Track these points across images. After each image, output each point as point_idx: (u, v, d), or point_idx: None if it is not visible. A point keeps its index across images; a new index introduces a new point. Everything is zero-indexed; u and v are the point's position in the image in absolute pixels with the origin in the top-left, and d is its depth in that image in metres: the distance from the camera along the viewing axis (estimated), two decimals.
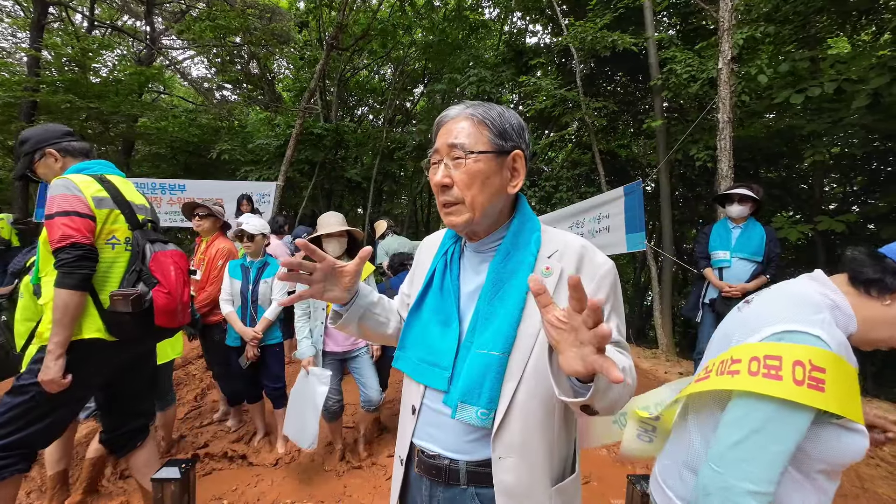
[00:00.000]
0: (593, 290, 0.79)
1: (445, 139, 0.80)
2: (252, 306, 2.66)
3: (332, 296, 0.86)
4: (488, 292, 0.81)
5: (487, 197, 0.80)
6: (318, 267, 0.82)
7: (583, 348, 0.56)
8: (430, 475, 0.83)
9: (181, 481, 1.29)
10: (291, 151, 7.49)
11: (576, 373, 0.58)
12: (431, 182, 0.82)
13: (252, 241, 2.68)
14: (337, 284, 0.85)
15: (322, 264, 0.82)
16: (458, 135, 0.79)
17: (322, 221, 2.43)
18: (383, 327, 0.98)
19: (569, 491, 0.81)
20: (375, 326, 0.96)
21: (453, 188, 0.80)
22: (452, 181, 0.80)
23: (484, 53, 9.77)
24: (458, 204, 0.80)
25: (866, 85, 3.76)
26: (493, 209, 0.83)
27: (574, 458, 0.86)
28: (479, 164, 0.78)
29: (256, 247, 2.72)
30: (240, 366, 2.68)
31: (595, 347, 0.55)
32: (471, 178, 0.79)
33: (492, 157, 0.80)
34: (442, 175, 0.80)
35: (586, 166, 7.66)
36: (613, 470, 2.64)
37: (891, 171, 5.77)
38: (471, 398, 0.76)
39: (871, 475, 2.45)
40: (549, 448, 0.78)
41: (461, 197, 0.79)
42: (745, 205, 3.04)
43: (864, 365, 6.62)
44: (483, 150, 0.79)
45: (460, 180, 0.79)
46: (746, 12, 5.32)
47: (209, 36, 8.30)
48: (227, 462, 2.67)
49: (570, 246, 0.82)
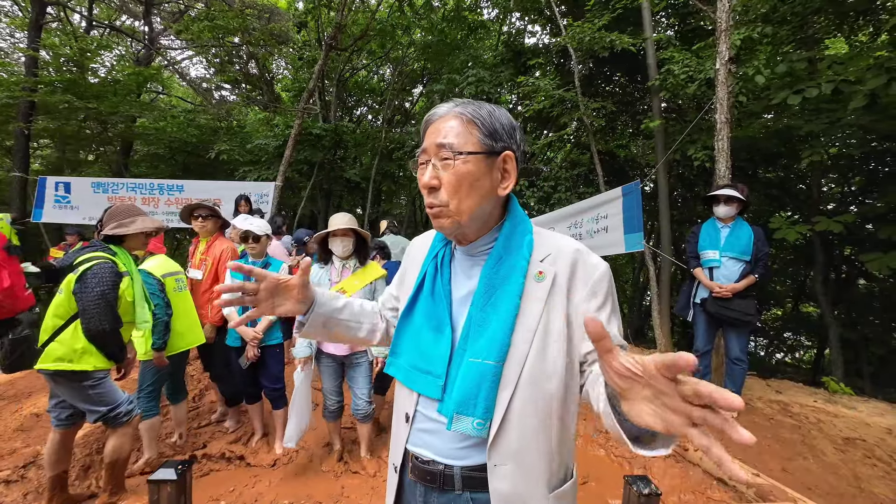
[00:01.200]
0: (588, 294, 0.77)
1: (434, 138, 0.78)
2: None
3: (285, 309, 0.86)
4: (480, 298, 0.79)
5: (476, 200, 0.78)
6: (260, 287, 0.82)
7: (667, 412, 0.49)
8: (424, 481, 0.82)
9: (177, 483, 1.29)
10: (290, 152, 7.48)
11: (649, 427, 0.52)
12: (419, 183, 0.80)
13: (258, 243, 2.68)
14: (287, 298, 0.86)
15: (264, 283, 0.82)
16: (447, 134, 0.77)
17: (331, 221, 2.44)
18: (353, 331, 0.97)
19: (567, 496, 0.80)
20: (344, 331, 0.96)
21: (440, 191, 0.78)
22: (440, 183, 0.78)
23: (483, 54, 9.76)
24: (442, 207, 0.78)
25: (863, 86, 3.77)
26: (482, 212, 0.80)
27: (573, 462, 0.85)
28: (467, 166, 0.76)
29: (262, 248, 2.72)
30: (240, 366, 2.68)
31: (688, 419, 0.47)
32: (458, 180, 0.76)
33: (481, 159, 0.77)
34: (430, 176, 0.78)
35: (585, 167, 7.66)
36: (611, 470, 2.64)
37: (888, 171, 5.78)
38: (466, 409, 0.74)
39: (868, 475, 2.46)
40: (547, 455, 0.76)
41: (446, 201, 0.77)
42: (732, 205, 3.09)
43: (861, 365, 6.64)
44: (472, 151, 0.76)
45: (448, 182, 0.77)
46: (744, 13, 5.33)
47: (208, 36, 8.29)
48: (225, 463, 2.67)
49: (564, 250, 0.81)
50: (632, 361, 0.51)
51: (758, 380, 3.89)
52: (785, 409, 3.26)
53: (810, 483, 2.38)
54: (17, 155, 7.94)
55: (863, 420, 3.04)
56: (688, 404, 0.47)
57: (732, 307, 3.01)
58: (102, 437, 2.70)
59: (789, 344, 10.12)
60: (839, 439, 2.81)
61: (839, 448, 2.72)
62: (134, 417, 2.15)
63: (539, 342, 0.75)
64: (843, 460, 2.59)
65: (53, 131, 8.88)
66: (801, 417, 3.11)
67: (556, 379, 0.75)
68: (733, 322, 3.05)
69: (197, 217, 2.92)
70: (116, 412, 2.07)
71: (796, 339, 9.81)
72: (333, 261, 2.48)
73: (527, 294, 0.78)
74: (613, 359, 0.53)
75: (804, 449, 2.71)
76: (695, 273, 3.25)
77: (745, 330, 3.13)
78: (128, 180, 7.63)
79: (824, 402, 3.39)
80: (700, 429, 0.46)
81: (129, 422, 2.13)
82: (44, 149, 12.37)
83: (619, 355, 0.53)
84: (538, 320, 0.76)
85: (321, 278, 2.46)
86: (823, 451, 2.68)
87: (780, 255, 7.62)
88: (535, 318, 0.76)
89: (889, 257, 4.42)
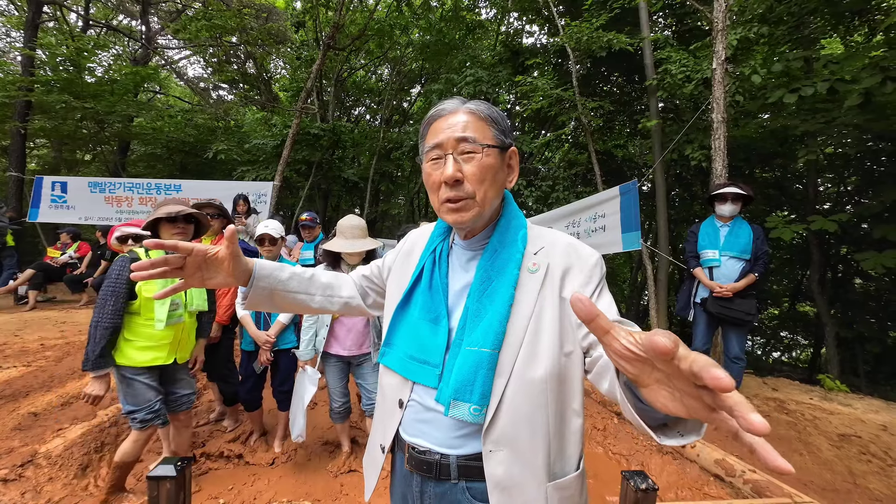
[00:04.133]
0: (584, 281, 0.80)
1: (451, 133, 0.79)
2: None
3: (216, 282, 0.84)
4: (477, 290, 0.82)
5: (496, 192, 0.82)
6: (187, 261, 0.80)
7: (684, 395, 0.46)
8: (420, 471, 0.83)
9: (177, 479, 1.29)
10: (288, 151, 7.47)
11: (671, 413, 0.48)
12: (438, 177, 0.80)
13: (274, 245, 2.66)
14: (218, 271, 0.84)
15: (191, 256, 0.80)
16: (466, 128, 0.79)
17: (342, 229, 2.34)
18: (304, 302, 0.97)
19: (569, 489, 0.79)
20: (294, 302, 0.96)
21: (464, 183, 0.79)
22: (463, 176, 0.79)
23: (481, 53, 9.78)
24: (467, 199, 0.80)
25: (858, 85, 3.79)
26: (495, 204, 0.84)
27: (580, 455, 0.84)
28: (489, 159, 0.80)
29: (277, 250, 2.70)
30: (253, 370, 2.68)
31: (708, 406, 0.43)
32: (483, 172, 0.79)
33: (498, 153, 0.82)
34: (455, 169, 0.78)
35: (583, 166, 7.69)
36: (608, 467, 2.66)
37: (883, 170, 5.82)
38: (463, 395, 0.76)
39: (863, 471, 2.48)
40: (543, 442, 0.77)
41: (472, 192, 0.79)
42: (737, 203, 3.09)
43: (858, 364, 6.68)
44: (491, 145, 0.80)
45: (472, 174, 0.79)
46: (740, 13, 5.36)
47: (205, 35, 8.27)
48: (224, 461, 2.67)
49: (557, 243, 0.84)
50: (632, 341, 0.48)
51: (754, 378, 3.92)
52: (781, 406, 3.28)
53: (806, 479, 2.40)
54: (14, 154, 7.91)
55: (858, 417, 3.07)
56: (694, 386, 0.43)
57: (733, 307, 3.02)
58: (101, 436, 2.70)
59: (786, 343, 10.17)
60: (834, 436, 2.83)
61: (834, 444, 2.74)
62: (148, 427, 2.05)
63: (533, 331, 0.78)
64: (839, 456, 2.61)
65: (50, 131, 8.85)
66: (797, 414, 3.13)
67: (548, 367, 0.77)
68: (734, 321, 3.06)
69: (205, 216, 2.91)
70: (133, 416, 2.02)
71: (793, 337, 9.86)
72: (342, 266, 2.45)
73: (521, 285, 0.80)
74: (613, 340, 0.49)
75: (800, 445, 2.73)
76: (695, 273, 3.25)
77: (744, 329, 3.14)
78: (125, 180, 7.61)
79: (820, 399, 3.41)
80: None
81: (144, 429, 2.04)
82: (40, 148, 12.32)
83: (619, 335, 0.49)
84: (532, 310, 0.78)
85: None
86: (819, 448, 2.70)
87: (776, 255, 7.65)
88: (529, 307, 0.78)
89: (883, 256, 4.45)
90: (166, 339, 2.07)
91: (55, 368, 3.60)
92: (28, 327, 4.72)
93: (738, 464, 2.38)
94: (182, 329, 2.14)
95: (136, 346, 2.00)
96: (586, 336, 0.76)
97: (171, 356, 2.11)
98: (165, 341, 2.07)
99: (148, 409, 2.03)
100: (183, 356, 2.20)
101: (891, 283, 6.42)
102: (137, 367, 2.00)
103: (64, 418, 2.86)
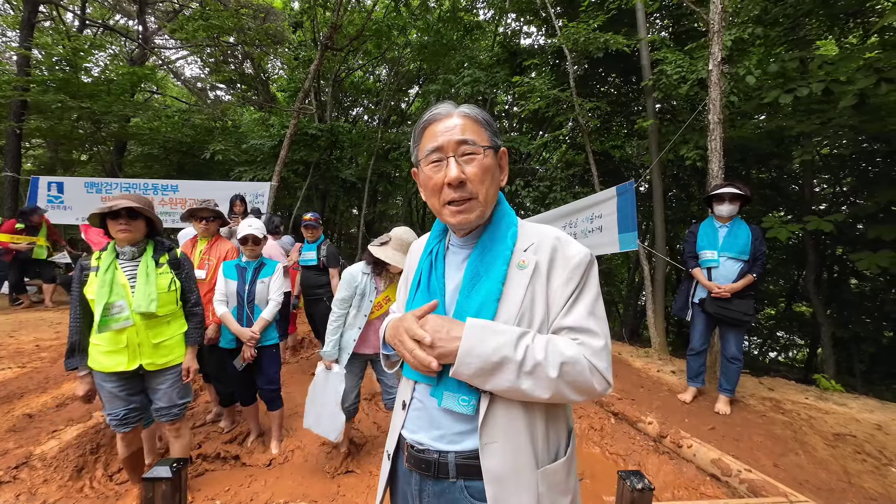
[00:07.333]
0: (564, 280, 0.81)
1: (450, 136, 0.82)
2: (248, 306, 2.64)
3: None
4: (467, 286, 0.84)
5: (495, 191, 0.87)
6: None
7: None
8: (419, 469, 0.85)
9: (172, 481, 1.29)
10: (286, 152, 7.46)
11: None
12: (441, 180, 0.82)
13: (257, 245, 2.69)
14: None
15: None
16: (464, 131, 0.82)
17: (399, 241, 2.33)
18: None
19: (558, 473, 0.81)
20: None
21: (467, 184, 0.82)
22: (466, 177, 0.82)
23: (478, 54, 9.77)
24: (471, 200, 0.83)
25: (853, 86, 3.82)
26: (493, 203, 0.88)
27: (568, 442, 0.87)
28: (488, 159, 0.84)
29: (259, 250, 2.74)
30: (235, 368, 2.66)
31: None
32: (484, 172, 0.83)
33: (494, 154, 0.86)
34: (458, 171, 0.81)
35: (580, 167, 7.69)
36: (605, 467, 2.66)
37: (878, 171, 5.85)
38: (452, 386, 0.79)
39: (858, 470, 2.49)
40: (534, 433, 0.79)
41: (475, 192, 0.82)
42: (735, 203, 3.09)
43: (854, 364, 6.71)
44: (488, 146, 0.84)
45: (474, 175, 0.82)
46: (736, 14, 5.38)
47: (202, 35, 8.25)
48: (221, 463, 2.66)
49: (545, 239, 0.85)
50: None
51: (751, 378, 3.93)
52: (777, 405, 3.29)
53: (801, 478, 2.41)
54: (9, 155, 7.86)
55: (853, 416, 3.08)
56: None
57: (731, 307, 3.03)
58: (96, 438, 2.69)
59: (782, 343, 10.21)
60: (830, 435, 2.84)
61: (830, 444, 2.75)
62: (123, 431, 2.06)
63: (521, 325, 0.79)
64: (834, 456, 2.63)
65: (46, 131, 8.80)
66: (793, 414, 3.15)
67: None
68: (732, 322, 3.07)
69: (201, 220, 2.91)
70: (107, 419, 2.07)
71: (789, 337, 9.89)
72: (384, 275, 2.48)
73: (510, 280, 0.82)
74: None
75: (795, 445, 2.74)
76: (693, 273, 3.26)
77: (742, 329, 3.15)
78: (122, 180, 7.58)
79: (815, 399, 3.43)
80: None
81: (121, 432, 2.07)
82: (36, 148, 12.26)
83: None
84: (520, 305, 0.80)
85: (367, 286, 2.44)
86: (814, 447, 2.72)
87: (773, 255, 7.69)
88: (517, 302, 0.80)
89: (878, 256, 4.48)
90: (119, 342, 1.95)
91: (50, 370, 3.58)
92: (23, 328, 4.69)
93: (735, 463, 2.39)
94: (136, 332, 1.97)
95: (101, 351, 1.97)
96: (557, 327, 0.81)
97: (132, 362, 1.97)
98: (120, 345, 1.95)
99: (113, 416, 2.04)
100: (152, 364, 2.02)
101: (886, 283, 6.46)
102: (104, 372, 1.98)
103: (59, 420, 2.85)
